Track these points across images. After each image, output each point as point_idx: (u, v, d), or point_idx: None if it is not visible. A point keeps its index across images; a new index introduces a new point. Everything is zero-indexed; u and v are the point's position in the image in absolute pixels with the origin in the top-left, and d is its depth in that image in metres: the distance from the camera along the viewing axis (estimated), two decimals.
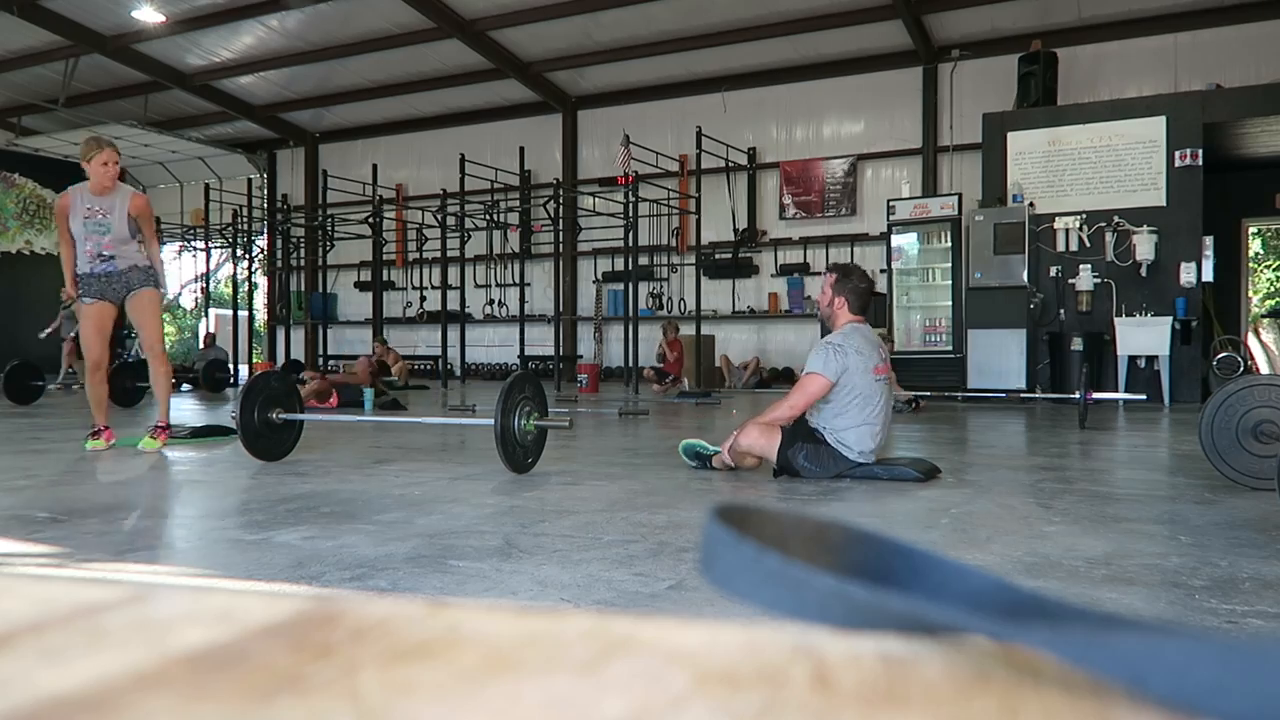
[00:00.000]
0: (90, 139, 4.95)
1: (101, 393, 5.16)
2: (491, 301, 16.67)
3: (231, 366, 13.19)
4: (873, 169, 14.69)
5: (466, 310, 14.81)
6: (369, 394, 9.04)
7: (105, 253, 4.95)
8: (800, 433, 4.08)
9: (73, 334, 13.33)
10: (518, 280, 14.77)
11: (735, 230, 15.10)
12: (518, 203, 15.70)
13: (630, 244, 12.40)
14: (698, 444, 4.47)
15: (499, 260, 16.60)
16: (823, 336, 4.28)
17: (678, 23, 13.76)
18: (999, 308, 10.41)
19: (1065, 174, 10.70)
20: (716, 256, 15.02)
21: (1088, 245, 10.48)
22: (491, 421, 4.03)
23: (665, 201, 14.33)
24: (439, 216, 14.57)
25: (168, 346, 23.94)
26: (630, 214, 12.24)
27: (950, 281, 11.01)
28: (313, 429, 5.95)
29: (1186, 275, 10.06)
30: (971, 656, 0.24)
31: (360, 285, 18.31)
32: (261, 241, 18.16)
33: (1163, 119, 10.31)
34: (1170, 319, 9.96)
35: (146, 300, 5.06)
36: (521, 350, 13.68)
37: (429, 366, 16.51)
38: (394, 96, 16.75)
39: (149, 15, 13.97)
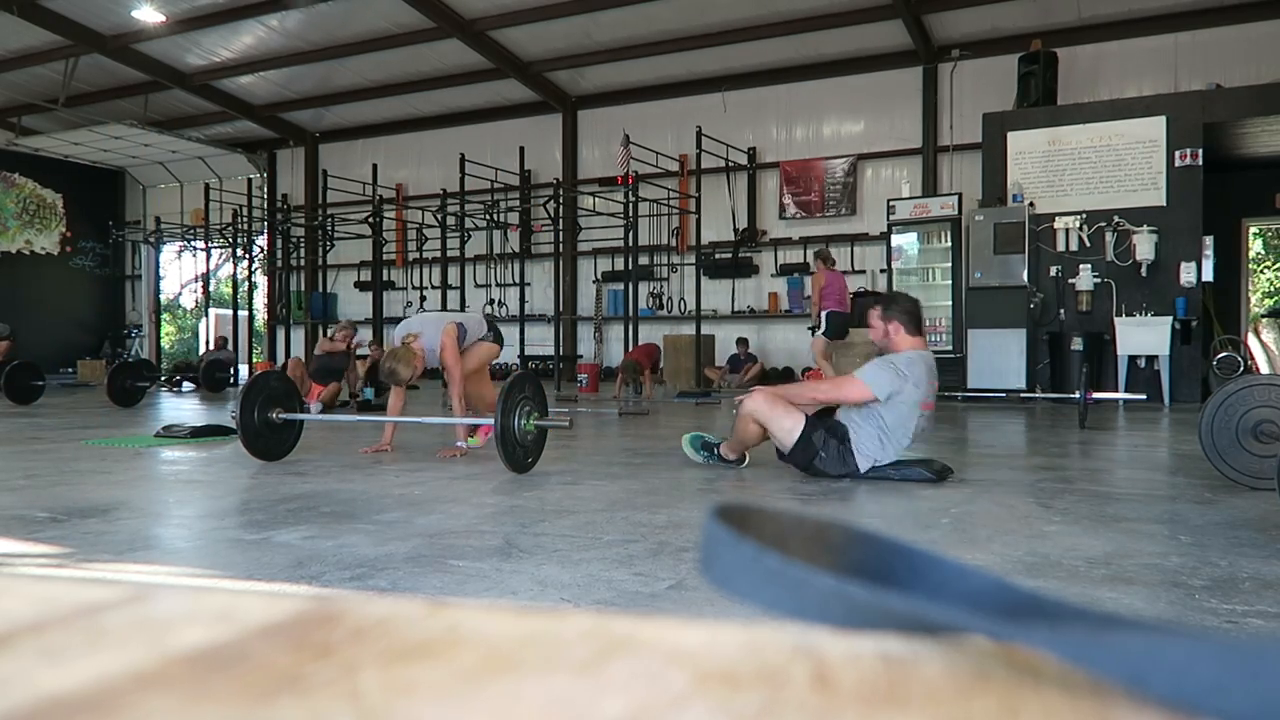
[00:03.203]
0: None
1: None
2: (491, 301, 16.67)
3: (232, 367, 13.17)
4: (873, 169, 14.69)
5: (467, 309, 14.80)
6: (369, 393, 9.04)
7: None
8: (826, 424, 4.06)
9: None
10: (518, 280, 14.77)
11: (735, 230, 15.10)
12: (518, 203, 15.70)
13: (630, 244, 12.40)
14: (704, 435, 4.46)
15: (499, 260, 16.61)
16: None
17: (678, 23, 13.76)
18: (999, 308, 10.41)
19: (1065, 174, 10.69)
20: (716, 256, 15.02)
21: (1088, 245, 10.48)
22: (491, 421, 4.03)
23: (665, 201, 14.33)
24: (439, 216, 14.57)
25: (168, 347, 23.85)
26: (630, 214, 12.24)
27: (950, 281, 11.01)
28: (313, 429, 5.95)
29: (1186, 275, 10.06)
30: (971, 656, 0.24)
31: (360, 285, 18.32)
32: (261, 241, 18.16)
33: (1163, 119, 10.31)
34: (1170, 319, 9.96)
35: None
36: (521, 350, 13.67)
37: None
38: (394, 96, 16.75)
39: (149, 15, 13.97)
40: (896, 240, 11.43)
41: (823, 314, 9.65)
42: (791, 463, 4.10)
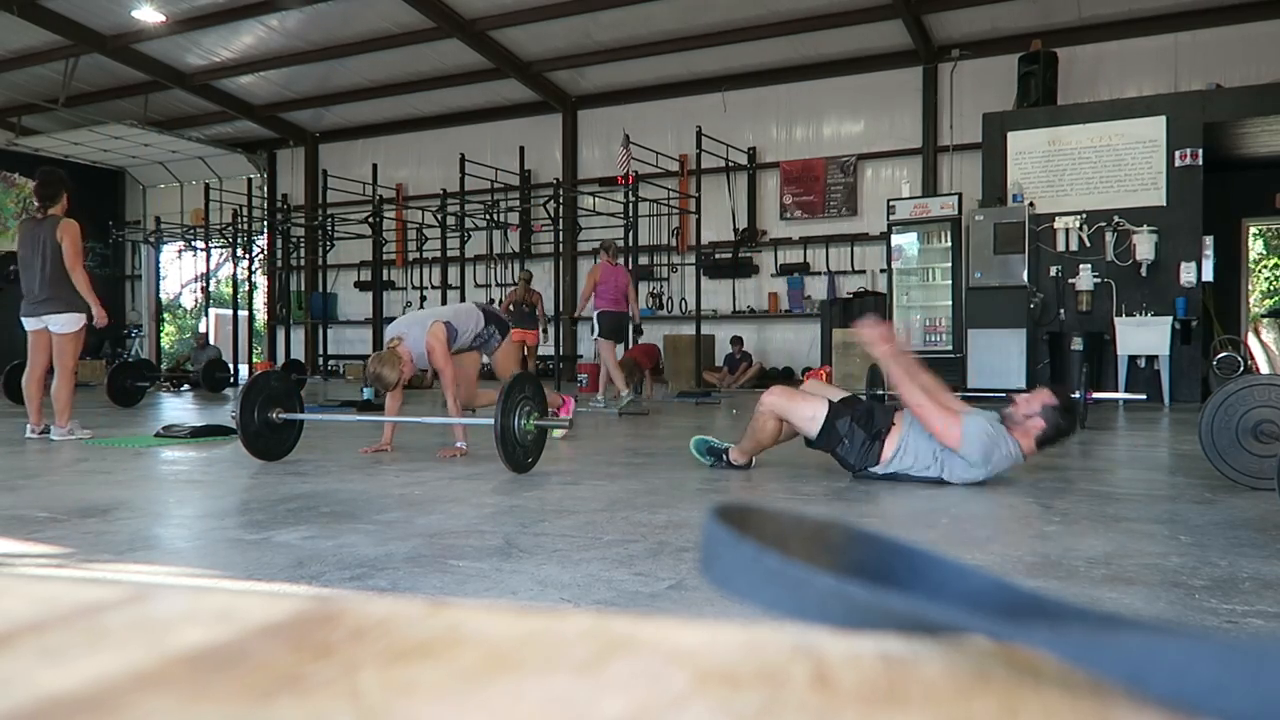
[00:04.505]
0: None
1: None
2: (492, 301, 16.66)
3: (231, 366, 13.15)
4: (873, 169, 14.69)
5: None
6: (368, 393, 9.02)
7: None
8: (855, 413, 4.00)
9: None
10: (518, 280, 14.76)
11: (735, 230, 15.10)
12: (518, 202, 15.70)
13: (630, 244, 12.39)
14: (710, 440, 4.44)
15: (499, 260, 16.61)
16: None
17: (677, 23, 13.76)
18: (999, 308, 10.41)
19: (1065, 174, 10.69)
20: (716, 256, 15.02)
21: (1088, 245, 10.48)
22: (491, 421, 4.03)
23: (665, 201, 14.33)
24: (439, 216, 14.56)
25: (168, 347, 23.79)
26: (630, 214, 12.24)
27: (950, 281, 11.01)
28: (312, 429, 5.95)
29: (1186, 275, 10.06)
30: (971, 656, 0.24)
31: (360, 285, 18.32)
32: (261, 241, 18.15)
33: (1163, 119, 10.31)
34: (1170, 319, 9.96)
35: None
36: (521, 350, 13.66)
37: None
38: (394, 96, 16.75)
39: (149, 15, 13.97)
40: (896, 240, 11.43)
41: (596, 314, 9.06)
42: (817, 448, 4.08)
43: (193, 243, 18.18)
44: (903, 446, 3.89)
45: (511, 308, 11.29)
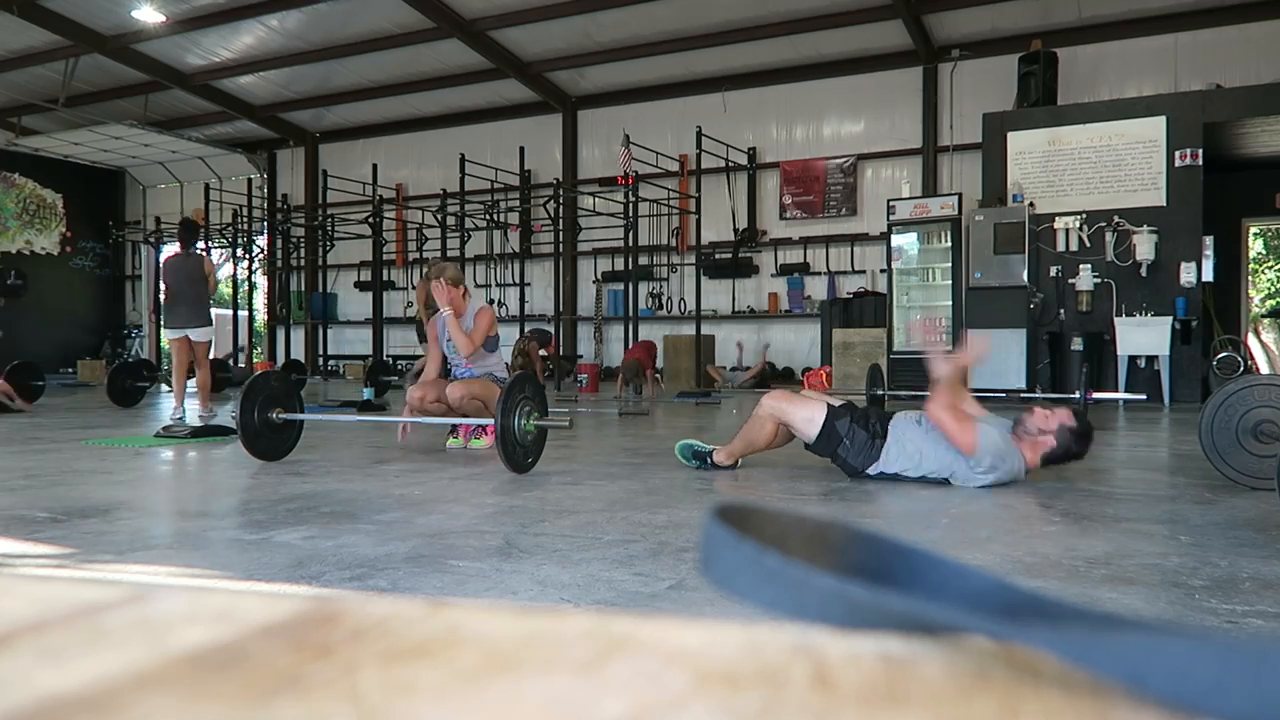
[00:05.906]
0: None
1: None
2: (492, 301, 16.67)
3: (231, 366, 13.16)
4: (873, 169, 14.69)
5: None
6: (368, 393, 9.03)
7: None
8: (856, 414, 3.99)
9: None
10: (518, 280, 14.77)
11: (735, 230, 15.10)
12: (518, 203, 15.70)
13: (630, 244, 12.40)
14: (694, 443, 4.44)
15: (499, 260, 16.61)
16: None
17: (678, 23, 13.76)
18: (999, 308, 10.40)
19: (1065, 174, 10.69)
20: (716, 256, 15.02)
21: (1088, 245, 10.48)
22: (491, 421, 4.03)
23: (665, 201, 14.33)
24: (439, 216, 14.57)
25: (167, 346, 23.73)
26: (630, 214, 12.24)
27: (950, 281, 11.01)
28: (312, 429, 5.95)
29: (1186, 275, 10.05)
30: (971, 656, 0.24)
31: (360, 285, 18.32)
32: (261, 241, 18.16)
33: (1163, 119, 10.30)
34: (1170, 319, 9.95)
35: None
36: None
37: None
38: (394, 96, 16.75)
39: (149, 15, 13.97)
40: (896, 240, 11.43)
41: None
42: (816, 452, 4.07)
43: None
44: (902, 446, 3.88)
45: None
